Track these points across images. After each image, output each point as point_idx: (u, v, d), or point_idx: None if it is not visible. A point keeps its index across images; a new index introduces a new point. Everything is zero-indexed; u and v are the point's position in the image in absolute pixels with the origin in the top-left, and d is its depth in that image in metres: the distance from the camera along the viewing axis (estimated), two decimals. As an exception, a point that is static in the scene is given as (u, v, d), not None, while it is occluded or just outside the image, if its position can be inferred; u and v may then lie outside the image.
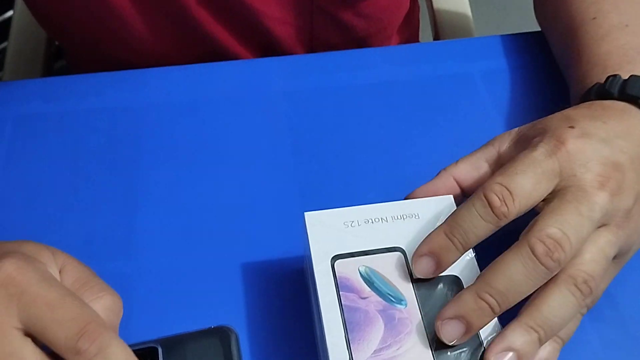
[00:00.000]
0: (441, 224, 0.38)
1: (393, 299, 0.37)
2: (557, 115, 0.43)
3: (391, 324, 0.36)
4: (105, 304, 0.38)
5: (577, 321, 0.39)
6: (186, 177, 0.52)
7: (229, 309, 0.45)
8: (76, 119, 0.55)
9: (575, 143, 0.39)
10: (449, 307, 0.36)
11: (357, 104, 0.56)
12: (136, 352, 0.42)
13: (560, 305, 0.36)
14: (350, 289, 0.38)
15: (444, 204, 0.40)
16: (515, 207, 0.37)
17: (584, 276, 0.36)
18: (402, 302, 0.37)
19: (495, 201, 0.37)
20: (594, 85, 0.46)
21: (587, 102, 0.45)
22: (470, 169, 0.43)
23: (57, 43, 0.83)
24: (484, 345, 0.36)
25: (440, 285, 0.38)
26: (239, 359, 0.43)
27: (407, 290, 0.38)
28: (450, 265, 0.38)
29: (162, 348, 0.43)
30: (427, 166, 0.51)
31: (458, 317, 0.36)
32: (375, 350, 0.35)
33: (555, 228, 0.36)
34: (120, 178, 0.52)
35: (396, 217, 0.40)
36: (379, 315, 0.37)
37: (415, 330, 0.36)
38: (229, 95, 0.57)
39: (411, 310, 0.37)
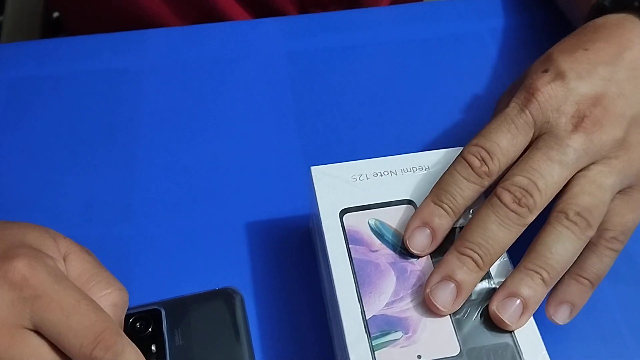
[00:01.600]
0: (427, 195, 0.38)
1: (404, 251, 0.36)
2: (541, 57, 0.42)
3: (403, 276, 0.35)
4: (113, 300, 0.37)
5: (606, 261, 0.38)
6: (186, 138, 0.51)
7: (234, 270, 0.44)
8: (73, 81, 0.54)
9: (546, 90, 0.38)
10: (434, 273, 0.35)
11: (361, 64, 0.55)
12: (139, 314, 0.41)
13: (556, 242, 0.35)
14: (360, 242, 0.36)
15: (453, 155, 0.39)
16: (495, 165, 0.37)
17: (574, 209, 0.36)
18: (414, 254, 0.36)
19: (475, 162, 0.37)
20: (593, 4, 0.44)
21: (582, 26, 0.44)
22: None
23: (54, 15, 0.82)
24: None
25: (453, 238, 0.37)
26: (245, 320, 0.41)
27: None
28: (445, 233, 0.37)
29: (165, 310, 0.42)
30: (434, 125, 0.50)
31: (445, 279, 0.35)
32: (387, 303, 0.34)
33: (521, 176, 0.36)
34: (119, 140, 0.51)
35: (405, 170, 0.39)
36: (391, 268, 0.35)
37: None
38: (229, 56, 0.55)
39: (423, 262, 0.36)
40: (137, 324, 0.41)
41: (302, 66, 0.54)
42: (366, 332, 0.33)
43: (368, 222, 0.37)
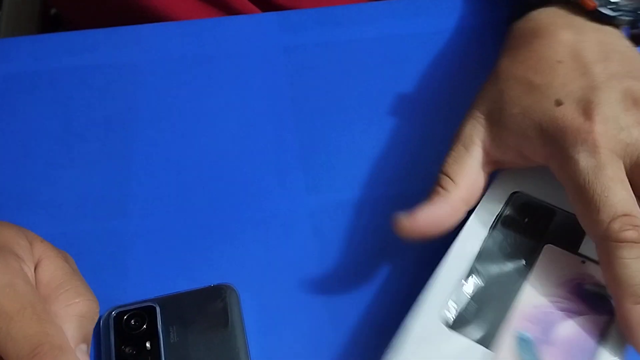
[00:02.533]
0: (621, 299, 0.33)
1: None
2: (511, 86, 0.40)
3: None
4: (80, 311, 0.36)
5: None
6: (183, 133, 0.50)
7: (230, 267, 0.44)
8: (69, 76, 0.53)
9: (593, 121, 0.36)
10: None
11: (360, 58, 0.54)
12: (133, 311, 0.41)
13: None
14: None
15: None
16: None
17: None
18: None
19: (632, 235, 0.33)
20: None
21: (506, 47, 0.45)
22: (470, 183, 0.40)
23: (52, 11, 0.81)
24: None
25: None
26: (240, 317, 0.41)
27: None
28: None
29: (160, 307, 0.41)
30: (434, 120, 0.50)
31: None
32: None
33: None
34: (115, 135, 0.50)
35: None
36: None
37: None
38: (226, 51, 0.54)
39: None
40: (132, 321, 0.41)
41: (299, 60, 0.54)
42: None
43: None
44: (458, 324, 0.32)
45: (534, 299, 0.33)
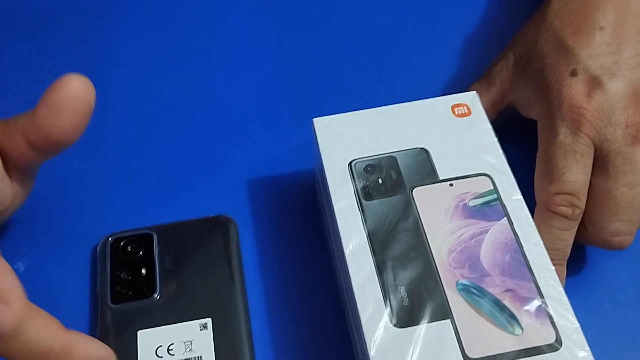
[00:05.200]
0: None
1: None
2: (547, 39, 0.40)
3: None
4: None
5: None
6: (160, 74, 0.49)
7: (230, 202, 0.43)
8: (45, 15, 0.51)
9: (591, 106, 0.37)
10: None
11: (348, 6, 0.53)
12: (130, 237, 0.40)
13: None
14: None
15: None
16: (583, 201, 0.37)
17: None
18: None
19: (567, 211, 0.37)
20: None
21: None
22: None
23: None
24: None
25: None
26: (237, 249, 0.40)
27: None
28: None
29: (157, 235, 0.40)
30: (420, 54, 0.49)
31: None
32: None
33: (619, 222, 0.37)
34: (93, 74, 0.48)
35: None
36: None
37: None
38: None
39: None
40: (128, 247, 0.39)
41: (287, 5, 0.53)
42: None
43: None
44: (405, 318, 0.31)
45: (443, 246, 0.33)
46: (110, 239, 0.40)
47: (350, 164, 0.36)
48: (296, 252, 0.41)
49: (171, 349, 0.36)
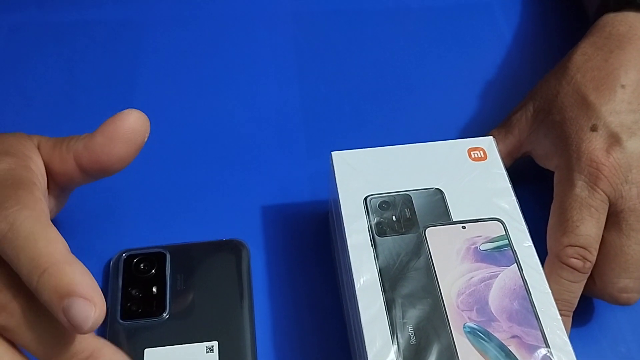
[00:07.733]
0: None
1: None
2: (568, 92, 0.41)
3: None
4: None
5: None
6: (183, 98, 0.50)
7: (243, 227, 0.43)
8: (74, 29, 0.53)
9: (609, 163, 0.38)
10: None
11: (367, 29, 0.54)
12: (143, 255, 0.41)
13: None
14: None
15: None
16: (594, 255, 0.37)
17: None
18: None
19: (578, 264, 0.37)
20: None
21: (595, 30, 0.43)
22: None
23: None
24: None
25: None
26: (248, 274, 0.41)
27: None
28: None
29: (170, 254, 0.41)
30: (437, 92, 0.50)
31: None
32: None
33: (627, 279, 0.37)
34: (118, 91, 0.50)
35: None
36: None
37: None
38: (233, 12, 0.54)
39: None
40: (141, 264, 0.40)
41: (306, 27, 0.54)
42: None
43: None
44: (411, 357, 0.31)
45: (453, 288, 0.33)
46: (124, 255, 0.40)
47: (365, 199, 0.37)
48: (306, 280, 0.41)
49: (177, 370, 0.36)
